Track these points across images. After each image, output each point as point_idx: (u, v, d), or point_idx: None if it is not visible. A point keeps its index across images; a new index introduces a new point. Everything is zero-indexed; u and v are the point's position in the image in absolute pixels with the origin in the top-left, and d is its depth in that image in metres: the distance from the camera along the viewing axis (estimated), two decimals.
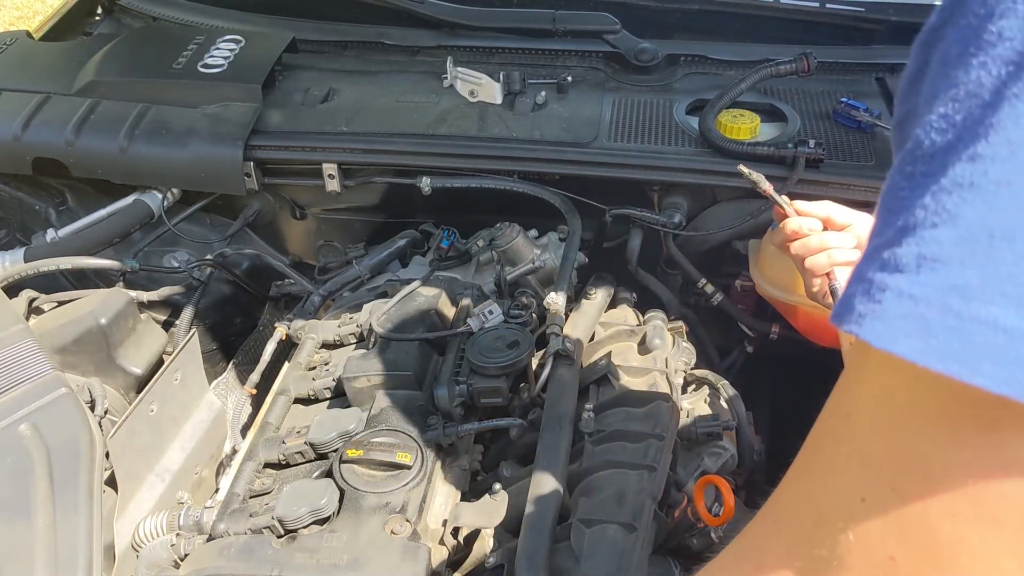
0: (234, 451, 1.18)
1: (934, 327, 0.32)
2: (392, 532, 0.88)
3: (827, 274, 0.99)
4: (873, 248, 0.35)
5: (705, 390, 1.14)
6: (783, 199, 1.03)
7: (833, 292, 0.98)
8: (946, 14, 0.35)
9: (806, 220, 1.01)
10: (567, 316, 1.15)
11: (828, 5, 1.53)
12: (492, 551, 0.90)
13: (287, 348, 1.26)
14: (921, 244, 0.33)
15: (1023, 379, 0.31)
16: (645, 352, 1.13)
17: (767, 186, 1.06)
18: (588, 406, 1.05)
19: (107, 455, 0.95)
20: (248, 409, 1.27)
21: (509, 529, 0.91)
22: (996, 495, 0.34)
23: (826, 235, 1.00)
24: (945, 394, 0.33)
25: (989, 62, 0.32)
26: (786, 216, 1.02)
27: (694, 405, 1.11)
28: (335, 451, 0.99)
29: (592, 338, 1.18)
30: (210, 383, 1.22)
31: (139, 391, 1.14)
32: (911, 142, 0.35)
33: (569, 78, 1.44)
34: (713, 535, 0.93)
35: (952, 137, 0.33)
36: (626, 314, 1.24)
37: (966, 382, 0.31)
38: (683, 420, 1.04)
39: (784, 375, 1.48)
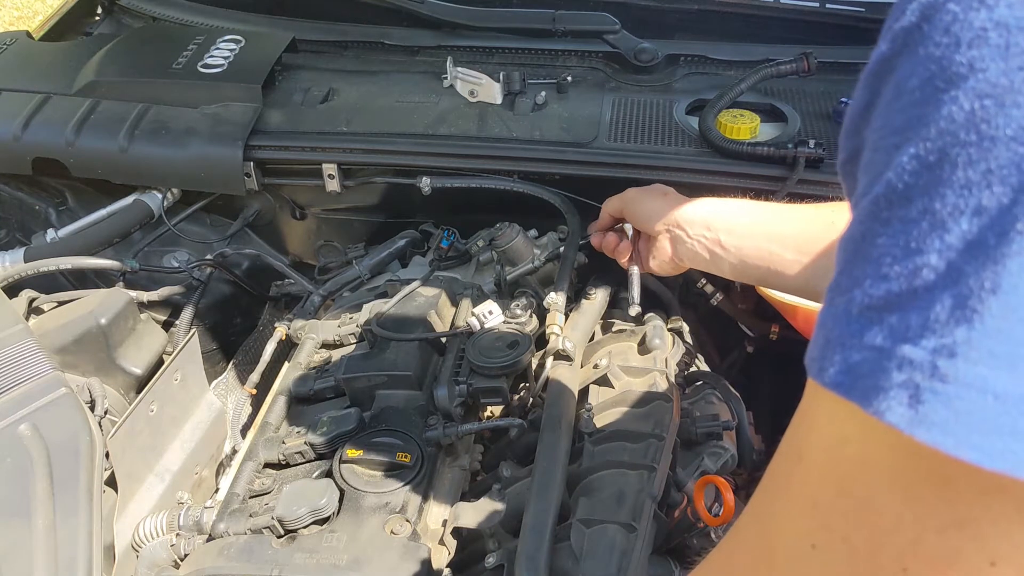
0: (234, 451, 1.19)
1: (923, 392, 0.30)
2: (392, 532, 0.88)
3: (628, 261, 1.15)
4: (867, 305, 0.32)
5: (705, 390, 1.14)
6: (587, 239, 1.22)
7: (631, 278, 1.16)
8: (898, 43, 0.33)
9: (605, 236, 1.18)
10: (567, 316, 1.15)
11: (828, 5, 1.52)
12: (492, 551, 0.90)
13: (287, 348, 1.26)
14: (930, 308, 0.30)
15: (1018, 452, 0.29)
16: (645, 352, 1.13)
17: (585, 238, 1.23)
18: (588, 406, 1.05)
19: (107, 455, 0.95)
20: (248, 409, 1.27)
21: (509, 529, 0.91)
22: (949, 552, 0.33)
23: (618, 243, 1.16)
24: (897, 446, 0.32)
25: (961, 96, 0.29)
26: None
27: (694, 405, 1.11)
28: (335, 451, 0.99)
29: (592, 338, 1.18)
30: (210, 383, 1.23)
31: (139, 391, 1.14)
32: (882, 186, 0.32)
33: (569, 78, 1.44)
34: (713, 535, 0.93)
35: (928, 179, 0.31)
36: (626, 314, 1.24)
37: (953, 456, 0.29)
38: (683, 420, 1.04)
39: (784, 375, 1.48)
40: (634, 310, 1.15)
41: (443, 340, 1.11)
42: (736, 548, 0.47)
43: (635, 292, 1.15)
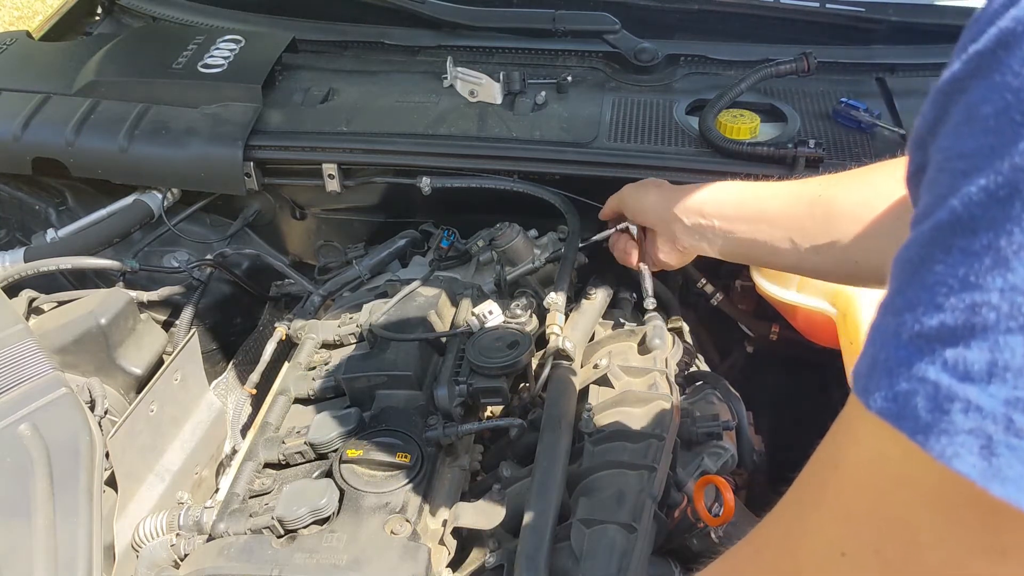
0: (234, 451, 1.18)
1: (996, 445, 0.29)
2: (392, 532, 0.88)
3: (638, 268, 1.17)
4: (917, 332, 0.32)
5: (705, 390, 1.14)
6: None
7: (642, 274, 1.18)
8: (972, 65, 0.32)
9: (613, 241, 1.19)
10: (567, 316, 1.15)
11: (828, 5, 1.52)
12: (492, 551, 0.90)
13: (287, 348, 1.26)
14: (995, 351, 0.29)
15: None
16: (645, 352, 1.13)
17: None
18: (588, 406, 1.05)
19: (107, 455, 0.95)
20: (248, 409, 1.27)
21: (509, 529, 0.91)
22: (987, 575, 0.33)
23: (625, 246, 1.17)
24: (943, 473, 0.31)
25: None
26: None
27: (694, 405, 1.11)
28: (335, 451, 0.99)
29: (592, 338, 1.18)
30: (210, 383, 1.22)
31: (139, 391, 1.14)
32: (946, 212, 0.32)
33: (569, 78, 1.44)
34: (713, 535, 0.93)
35: (996, 214, 0.30)
36: (626, 314, 1.24)
37: None
38: (683, 420, 1.04)
39: (784, 375, 1.48)
40: (650, 303, 1.17)
41: (443, 340, 1.11)
42: (761, 547, 0.47)
43: (648, 285, 1.18)
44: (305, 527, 0.90)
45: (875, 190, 0.85)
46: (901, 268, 0.34)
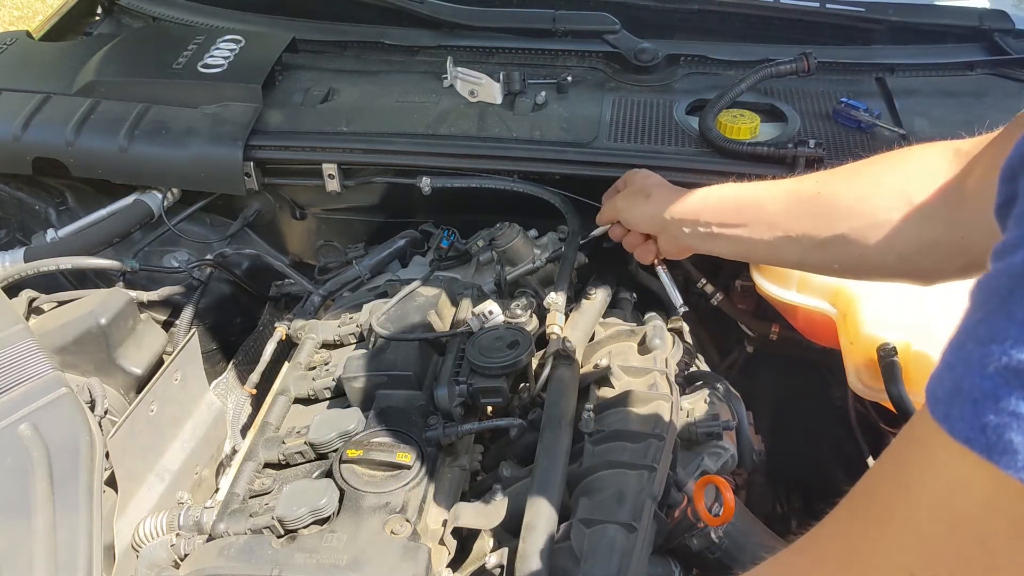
0: (234, 451, 1.18)
1: None
2: (392, 532, 0.88)
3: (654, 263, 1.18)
4: (1005, 365, 0.32)
5: (705, 390, 1.14)
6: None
7: (662, 278, 1.20)
8: None
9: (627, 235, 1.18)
10: (567, 316, 1.15)
11: (828, 5, 1.53)
12: (492, 551, 0.90)
13: (287, 348, 1.26)
14: None
15: None
16: (645, 352, 1.13)
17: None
18: (588, 406, 1.05)
19: (107, 455, 0.95)
20: (248, 409, 1.27)
21: (509, 529, 0.91)
22: None
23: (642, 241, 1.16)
24: None
25: None
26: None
27: (694, 405, 1.11)
28: (335, 451, 0.99)
29: (592, 338, 1.18)
30: (210, 383, 1.22)
31: (139, 391, 1.14)
32: None
33: (569, 78, 1.44)
34: (713, 535, 0.93)
35: None
36: (626, 314, 1.24)
37: None
38: (683, 420, 1.04)
39: (784, 375, 1.48)
40: (682, 309, 1.20)
41: (443, 340, 1.11)
42: (818, 560, 0.47)
43: (673, 293, 1.19)
44: (305, 527, 0.90)
45: (875, 184, 0.85)
46: (986, 297, 0.34)
